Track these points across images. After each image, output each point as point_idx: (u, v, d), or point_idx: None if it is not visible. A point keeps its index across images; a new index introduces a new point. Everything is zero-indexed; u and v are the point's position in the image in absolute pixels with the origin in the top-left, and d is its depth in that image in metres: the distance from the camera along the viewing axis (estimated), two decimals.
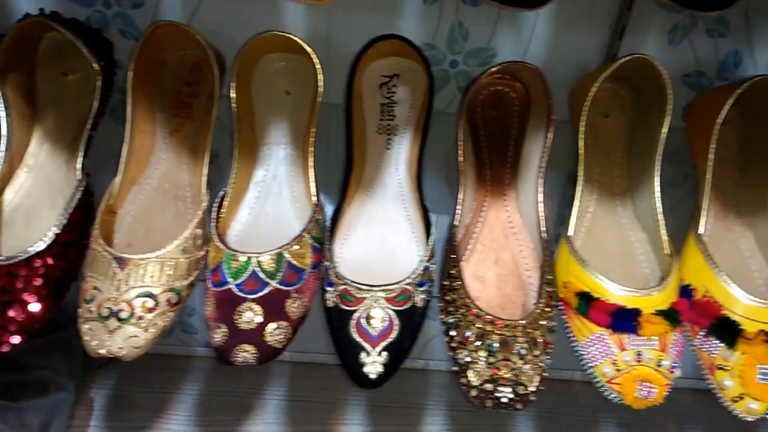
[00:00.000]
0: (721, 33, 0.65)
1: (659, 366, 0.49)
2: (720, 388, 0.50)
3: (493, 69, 0.57)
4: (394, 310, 0.51)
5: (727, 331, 0.50)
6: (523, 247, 0.58)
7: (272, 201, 0.60)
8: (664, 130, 0.56)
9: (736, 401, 0.49)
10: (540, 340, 0.51)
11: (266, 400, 0.80)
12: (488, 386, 0.49)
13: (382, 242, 0.58)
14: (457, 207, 0.57)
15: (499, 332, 0.50)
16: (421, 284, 0.53)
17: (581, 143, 0.56)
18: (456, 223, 0.57)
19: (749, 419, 0.50)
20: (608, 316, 0.50)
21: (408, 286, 0.52)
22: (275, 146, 0.61)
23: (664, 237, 0.55)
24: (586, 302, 0.51)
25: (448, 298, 0.54)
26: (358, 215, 0.59)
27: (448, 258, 0.56)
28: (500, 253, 0.59)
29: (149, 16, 0.63)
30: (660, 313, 0.50)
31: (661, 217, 0.56)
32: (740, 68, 0.67)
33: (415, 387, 0.81)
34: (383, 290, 0.51)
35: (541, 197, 0.58)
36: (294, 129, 0.61)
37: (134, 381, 0.79)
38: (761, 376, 0.49)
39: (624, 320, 0.50)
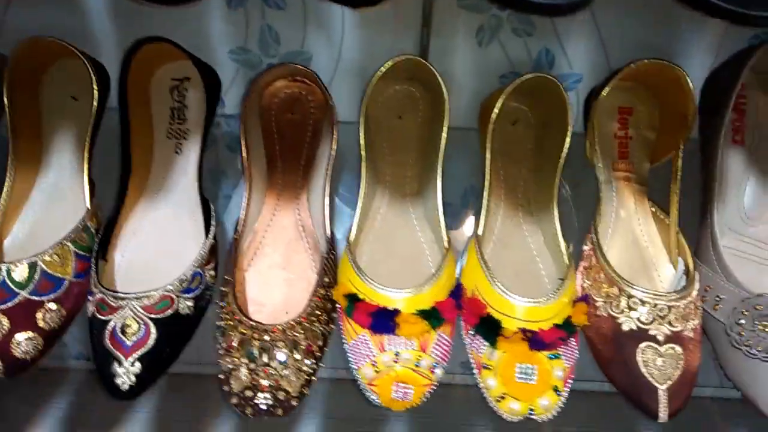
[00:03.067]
0: (528, 32, 0.65)
1: (417, 366, 0.49)
2: (486, 388, 0.50)
3: (276, 71, 0.57)
4: (152, 319, 0.49)
5: (489, 329, 0.49)
6: (313, 250, 0.57)
7: (56, 208, 0.58)
8: (444, 130, 0.55)
9: (499, 401, 0.49)
10: (303, 344, 0.50)
11: (137, 413, 0.79)
12: (248, 393, 0.48)
13: (168, 248, 0.57)
14: (242, 212, 0.56)
15: (259, 338, 0.49)
16: (187, 291, 0.51)
17: (362, 144, 0.56)
18: (239, 228, 0.56)
19: (513, 420, 0.49)
20: (368, 317, 0.49)
21: (169, 293, 0.50)
22: (60, 152, 0.59)
23: (445, 237, 0.55)
24: (352, 303, 0.50)
25: (222, 303, 0.52)
26: (142, 221, 0.58)
27: (226, 263, 0.55)
28: (290, 256, 0.57)
29: None
30: (420, 312, 0.49)
31: (442, 217, 0.55)
32: (555, 66, 0.67)
33: None
34: (139, 298, 0.49)
35: (327, 200, 0.57)
36: (80, 135, 0.59)
37: (7, 394, 0.75)
38: (520, 375, 0.48)
39: (383, 321, 0.49)
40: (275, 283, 0.56)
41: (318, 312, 0.51)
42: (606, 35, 0.66)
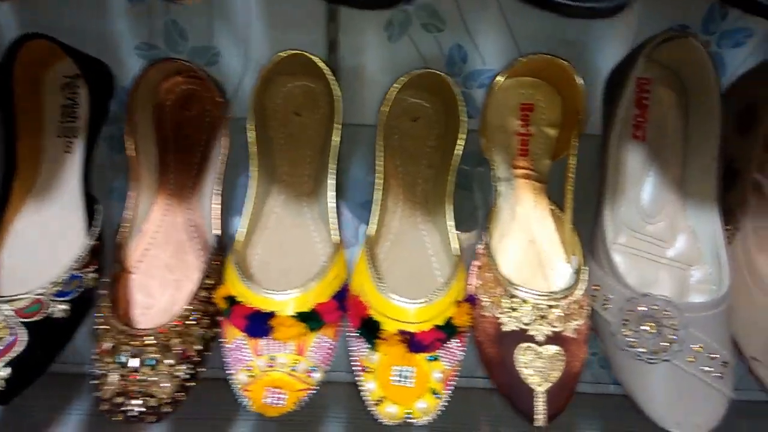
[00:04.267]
0: (438, 27, 0.64)
1: (293, 371, 0.47)
2: (366, 391, 0.48)
3: (161, 66, 0.55)
4: (23, 323, 0.48)
5: (370, 331, 0.48)
6: (204, 251, 0.56)
7: None
8: (338, 127, 0.54)
9: (377, 404, 0.48)
10: (178, 349, 0.48)
11: (69, 415, 0.77)
12: (119, 399, 0.47)
13: (54, 249, 0.55)
14: (128, 212, 0.55)
15: (129, 342, 0.48)
16: (61, 294, 0.50)
17: (252, 141, 0.54)
18: (124, 228, 0.54)
19: (392, 424, 0.48)
20: (244, 320, 0.48)
21: (40, 297, 0.49)
22: None
23: (335, 237, 0.54)
24: (230, 306, 0.49)
25: (98, 306, 0.51)
26: (29, 223, 0.56)
27: (110, 265, 0.53)
28: (180, 257, 0.56)
29: None
30: (297, 315, 0.48)
31: (333, 215, 0.54)
32: (468, 62, 0.66)
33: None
34: (10, 301, 0.48)
35: (216, 199, 0.56)
36: None
37: None
38: (395, 378, 0.47)
39: (257, 324, 0.48)
40: (162, 285, 0.55)
41: (197, 315, 0.50)
42: (517, 30, 0.64)
